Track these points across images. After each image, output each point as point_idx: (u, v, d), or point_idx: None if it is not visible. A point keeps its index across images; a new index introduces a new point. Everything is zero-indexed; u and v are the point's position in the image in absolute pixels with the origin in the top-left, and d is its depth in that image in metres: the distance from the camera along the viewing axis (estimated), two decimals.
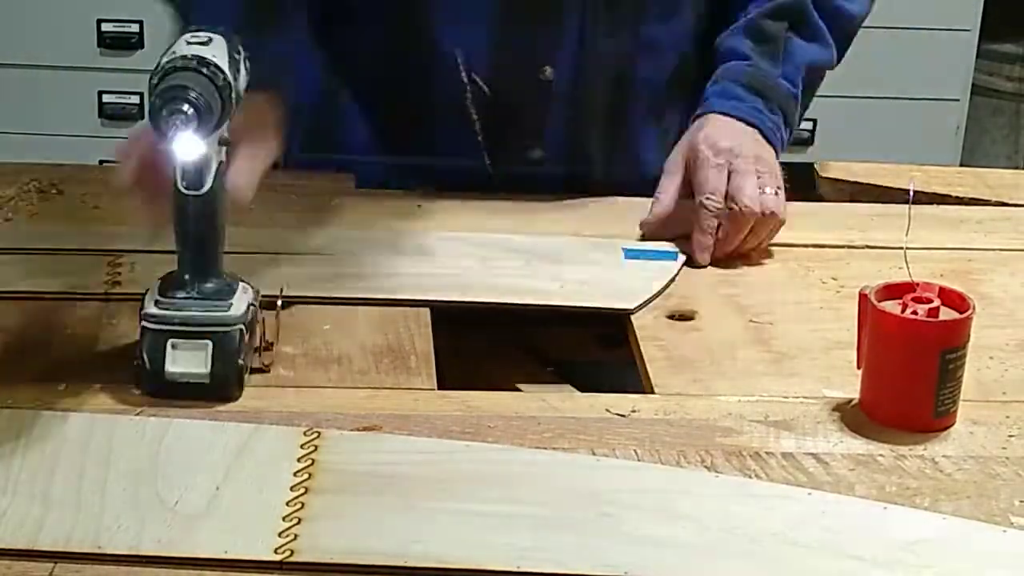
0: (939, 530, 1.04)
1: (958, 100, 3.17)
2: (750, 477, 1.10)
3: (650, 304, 1.36)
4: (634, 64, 1.56)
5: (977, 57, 3.16)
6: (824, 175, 1.71)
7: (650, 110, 1.59)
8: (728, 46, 1.54)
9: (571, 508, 1.05)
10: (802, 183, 1.70)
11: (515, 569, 0.99)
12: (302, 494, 1.05)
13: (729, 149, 1.46)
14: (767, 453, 1.14)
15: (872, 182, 1.66)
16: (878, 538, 1.03)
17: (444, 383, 1.24)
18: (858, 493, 1.09)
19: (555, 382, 1.40)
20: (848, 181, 1.67)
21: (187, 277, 1.18)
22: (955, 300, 1.18)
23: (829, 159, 1.76)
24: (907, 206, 1.34)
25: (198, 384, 1.16)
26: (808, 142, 3.09)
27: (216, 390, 1.17)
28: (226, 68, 1.13)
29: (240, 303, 1.18)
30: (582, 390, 1.31)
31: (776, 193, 1.45)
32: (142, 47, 3.05)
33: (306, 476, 1.07)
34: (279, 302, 1.26)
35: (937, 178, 1.68)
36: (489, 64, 1.52)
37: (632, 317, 1.34)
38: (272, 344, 1.24)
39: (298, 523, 1.02)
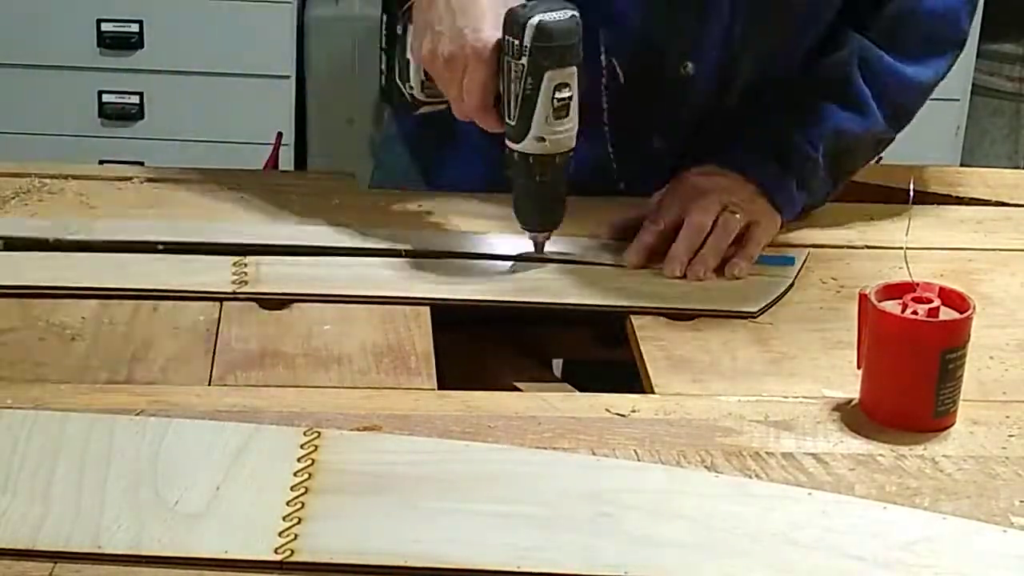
0: (939, 530, 1.04)
1: (958, 100, 3.17)
2: (750, 477, 1.10)
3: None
4: (776, 67, 1.53)
5: (977, 57, 3.16)
6: None
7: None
8: (767, 100, 1.51)
9: (571, 508, 1.05)
10: None
11: (515, 569, 0.99)
12: (302, 494, 1.05)
13: (700, 184, 1.44)
14: (767, 453, 1.14)
15: (872, 182, 1.66)
16: (878, 538, 1.03)
17: (444, 383, 1.24)
18: (858, 493, 1.09)
19: (555, 382, 1.40)
20: (850, 182, 1.66)
21: None
22: (955, 300, 1.18)
23: None
24: (907, 206, 1.35)
25: None
26: None
27: None
28: None
29: None
30: (582, 390, 1.30)
31: (740, 220, 1.42)
32: (142, 47, 3.05)
33: (306, 476, 1.07)
34: None
35: (937, 178, 1.68)
36: (631, 52, 1.49)
37: (632, 317, 1.34)
38: None
39: (298, 523, 1.02)
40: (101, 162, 2.88)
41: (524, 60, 1.30)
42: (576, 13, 1.32)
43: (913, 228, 1.23)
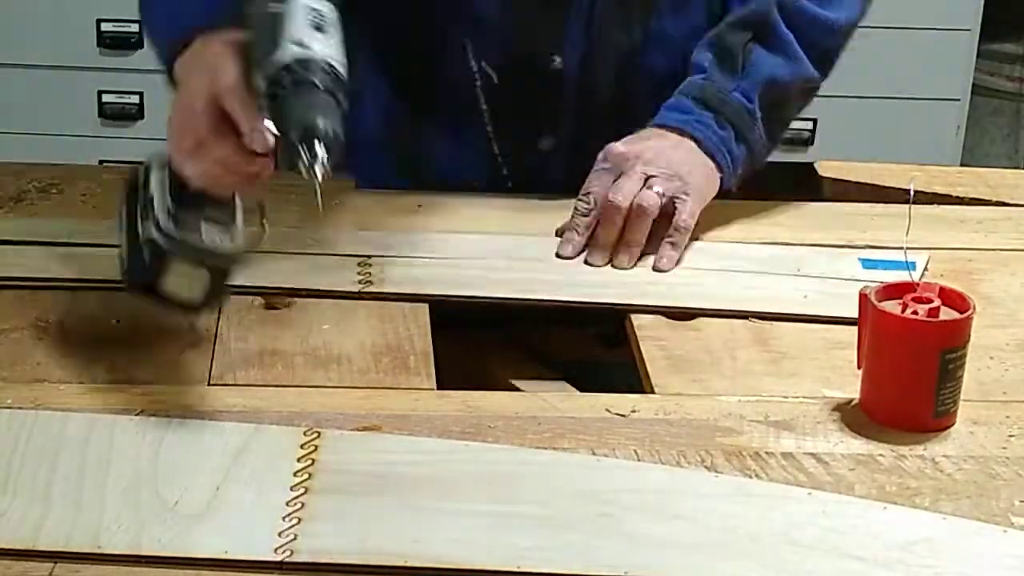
0: (939, 530, 1.04)
1: (958, 100, 3.17)
2: (750, 477, 1.10)
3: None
4: (643, 56, 1.54)
5: (977, 57, 3.16)
6: (824, 175, 1.70)
7: (658, 103, 1.55)
8: (693, 59, 1.50)
9: (571, 508, 1.05)
10: (802, 183, 1.70)
11: (515, 569, 0.99)
12: (302, 494, 1.05)
13: (624, 153, 1.43)
14: (767, 453, 1.14)
15: (872, 182, 1.66)
16: (878, 538, 1.03)
17: (444, 383, 1.24)
18: (858, 493, 1.09)
19: (555, 382, 1.40)
20: (848, 181, 1.66)
21: None
22: (955, 300, 1.18)
23: (829, 159, 1.75)
24: (907, 206, 1.34)
25: None
26: (808, 142, 3.08)
27: None
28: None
29: None
30: (582, 390, 1.30)
31: (663, 195, 1.40)
32: (142, 47, 3.04)
33: (306, 476, 1.07)
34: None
35: (937, 178, 1.68)
36: (498, 52, 1.50)
37: (632, 317, 1.34)
38: None
39: (298, 523, 1.02)
40: (101, 162, 2.88)
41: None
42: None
43: (913, 228, 1.22)
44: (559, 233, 1.44)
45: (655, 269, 1.40)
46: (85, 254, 1.39)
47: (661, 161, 1.43)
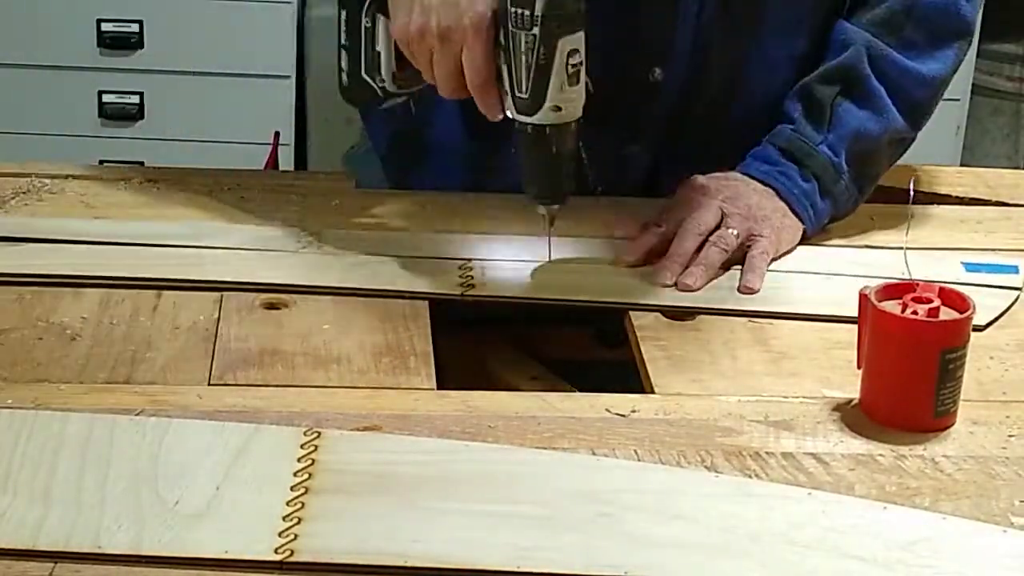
0: (939, 530, 1.04)
1: (958, 100, 3.17)
2: (750, 477, 1.10)
3: None
4: (744, 73, 1.53)
5: (977, 57, 3.16)
6: None
7: (754, 124, 1.55)
8: (784, 106, 1.51)
9: (571, 508, 1.05)
10: None
11: (515, 569, 0.99)
12: (302, 494, 1.05)
13: (705, 186, 1.44)
14: (767, 453, 1.14)
15: None
16: (878, 538, 1.03)
17: (444, 383, 1.24)
18: (858, 493, 1.09)
19: (555, 382, 1.40)
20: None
21: None
22: (955, 300, 1.18)
23: None
24: (907, 206, 1.35)
25: None
26: None
27: None
28: None
29: None
30: (582, 390, 1.30)
31: (738, 235, 1.40)
32: (142, 47, 3.05)
33: (306, 476, 1.07)
34: None
35: (937, 178, 1.68)
36: (600, 64, 1.49)
37: (632, 317, 1.34)
38: None
39: (298, 523, 1.02)
40: (101, 162, 2.88)
41: (536, 30, 1.28)
42: None
43: (913, 228, 1.23)
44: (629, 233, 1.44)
45: (743, 289, 1.38)
46: (85, 253, 1.39)
47: (740, 202, 1.43)
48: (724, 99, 1.54)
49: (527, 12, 1.28)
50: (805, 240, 1.47)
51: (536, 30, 1.28)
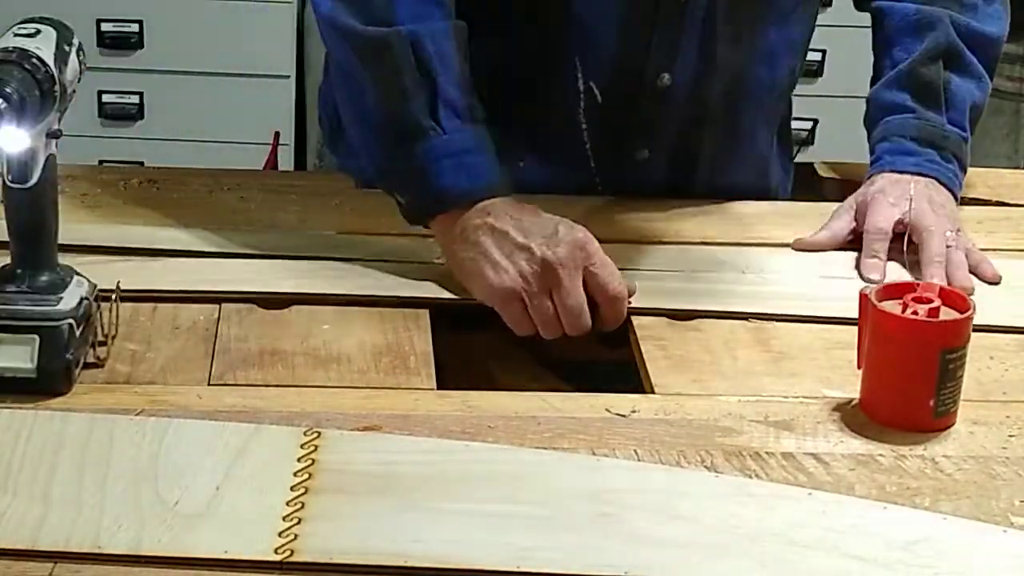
0: (939, 530, 1.04)
1: None
2: (750, 477, 1.10)
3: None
4: (750, 69, 1.55)
5: None
6: (824, 175, 1.71)
7: (764, 116, 1.59)
8: (888, 100, 1.54)
9: (571, 508, 1.05)
10: (802, 183, 1.70)
11: (515, 569, 0.99)
12: (302, 494, 1.05)
13: (902, 194, 1.46)
14: (767, 453, 1.14)
15: None
16: (878, 538, 1.03)
17: (444, 383, 1.24)
18: (858, 493, 1.09)
19: (555, 382, 1.40)
20: (848, 181, 1.66)
21: (18, 271, 1.18)
22: (955, 300, 1.18)
23: (829, 159, 1.75)
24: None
25: (25, 379, 1.15)
26: (808, 142, 3.08)
27: (43, 384, 1.16)
28: (50, 61, 1.15)
29: (72, 297, 1.18)
30: (582, 390, 1.30)
31: (958, 234, 1.44)
32: (142, 47, 3.05)
33: (306, 476, 1.07)
34: (114, 296, 1.25)
35: None
36: (609, 71, 1.50)
37: (632, 317, 1.34)
38: (109, 338, 1.23)
39: (298, 523, 1.02)
40: (101, 162, 2.88)
41: None
42: None
43: None
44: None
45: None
46: (86, 251, 1.39)
47: (926, 196, 1.46)
48: (731, 97, 1.55)
49: None
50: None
51: None
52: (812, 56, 2.43)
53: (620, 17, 1.48)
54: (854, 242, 1.46)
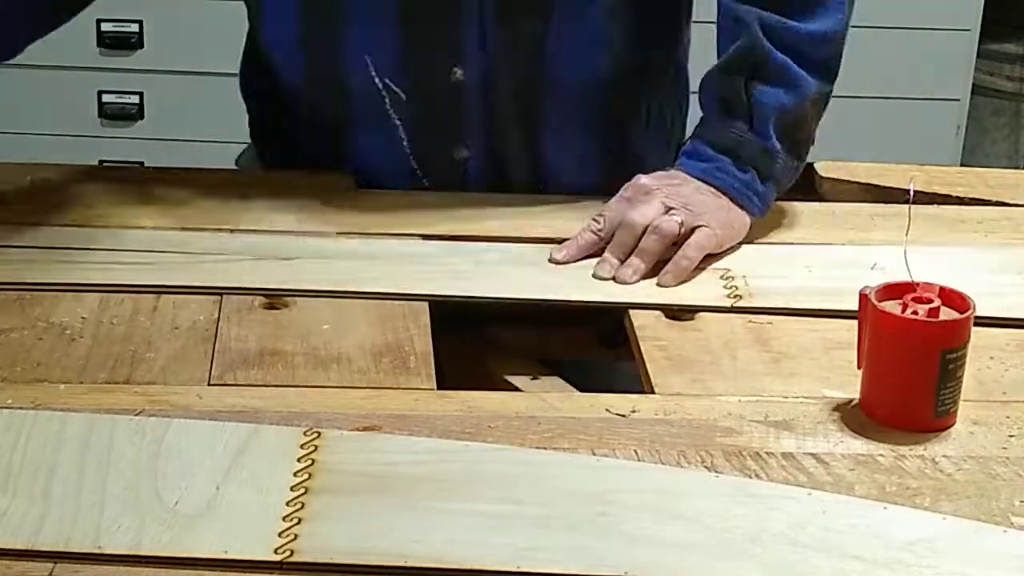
0: (939, 530, 1.04)
1: (958, 100, 3.17)
2: (750, 477, 1.10)
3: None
4: (544, 67, 1.53)
5: (977, 57, 3.16)
6: (824, 175, 1.70)
7: (568, 112, 1.56)
8: (702, 100, 1.50)
9: (571, 508, 1.05)
10: (802, 183, 1.69)
11: (515, 569, 0.99)
12: (302, 494, 1.05)
13: (647, 185, 1.44)
14: (767, 453, 1.14)
15: (872, 182, 1.66)
16: (878, 538, 1.03)
17: (444, 383, 1.24)
18: (858, 493, 1.09)
19: (555, 382, 1.40)
20: (848, 181, 1.66)
21: None
22: (955, 300, 1.18)
23: (829, 159, 1.75)
24: (907, 206, 1.34)
25: None
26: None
27: None
28: None
29: None
30: (582, 390, 1.30)
31: (681, 224, 1.40)
32: (142, 47, 3.05)
33: (306, 476, 1.07)
34: None
35: (937, 178, 1.68)
36: (400, 67, 1.51)
37: (632, 317, 1.34)
38: None
39: (298, 523, 1.02)
40: (101, 162, 2.88)
41: None
42: None
43: (913, 228, 1.23)
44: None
45: (658, 284, 1.39)
46: (85, 251, 1.39)
47: (682, 198, 1.43)
48: (532, 93, 1.54)
49: None
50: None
51: None
52: None
53: (397, 11, 1.49)
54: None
